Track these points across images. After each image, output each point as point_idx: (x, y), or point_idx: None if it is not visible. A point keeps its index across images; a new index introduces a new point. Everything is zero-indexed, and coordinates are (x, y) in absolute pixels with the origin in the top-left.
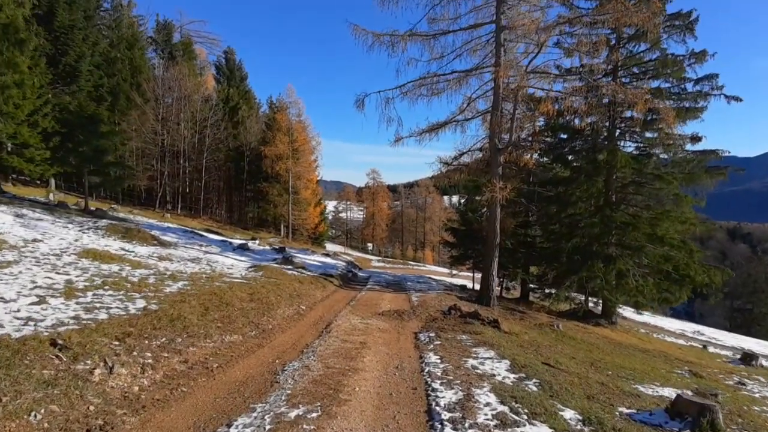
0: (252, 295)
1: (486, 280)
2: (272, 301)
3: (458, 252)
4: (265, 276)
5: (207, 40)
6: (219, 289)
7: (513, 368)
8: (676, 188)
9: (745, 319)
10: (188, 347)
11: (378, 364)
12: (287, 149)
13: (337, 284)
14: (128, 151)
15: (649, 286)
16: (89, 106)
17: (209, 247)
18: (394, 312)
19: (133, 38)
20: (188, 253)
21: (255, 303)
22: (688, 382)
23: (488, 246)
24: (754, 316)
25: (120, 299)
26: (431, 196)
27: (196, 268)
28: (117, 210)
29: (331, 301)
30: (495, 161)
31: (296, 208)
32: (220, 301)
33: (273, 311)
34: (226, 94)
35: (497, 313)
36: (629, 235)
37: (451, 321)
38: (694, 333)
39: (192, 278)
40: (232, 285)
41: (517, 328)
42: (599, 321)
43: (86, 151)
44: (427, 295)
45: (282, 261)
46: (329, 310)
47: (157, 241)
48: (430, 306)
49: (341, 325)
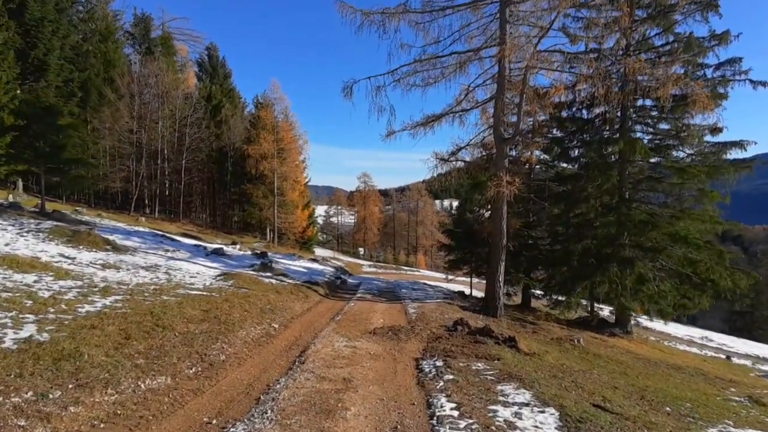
0: (207, 313)
1: (492, 287)
2: (234, 319)
3: (455, 256)
4: (235, 286)
5: (190, 37)
6: (162, 306)
7: (566, 424)
8: (701, 182)
9: (746, 322)
10: (69, 405)
11: (367, 423)
12: (272, 148)
13: (322, 293)
14: (101, 150)
15: (672, 292)
16: (47, 97)
17: (176, 253)
18: (389, 329)
19: (107, 31)
20: (146, 260)
21: (209, 324)
22: (756, 415)
23: (493, 248)
24: (755, 319)
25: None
26: (423, 199)
27: (148, 277)
28: (82, 213)
29: (313, 315)
30: (501, 153)
31: (282, 211)
32: (155, 323)
33: (232, 334)
34: (208, 92)
35: (507, 326)
36: (648, 235)
37: (459, 340)
38: (702, 339)
39: (132, 292)
40: (185, 299)
41: (535, 345)
42: (614, 330)
43: (42, 146)
44: (426, 305)
45: (260, 267)
46: (309, 327)
47: (112, 246)
48: (430, 319)
49: (320, 351)
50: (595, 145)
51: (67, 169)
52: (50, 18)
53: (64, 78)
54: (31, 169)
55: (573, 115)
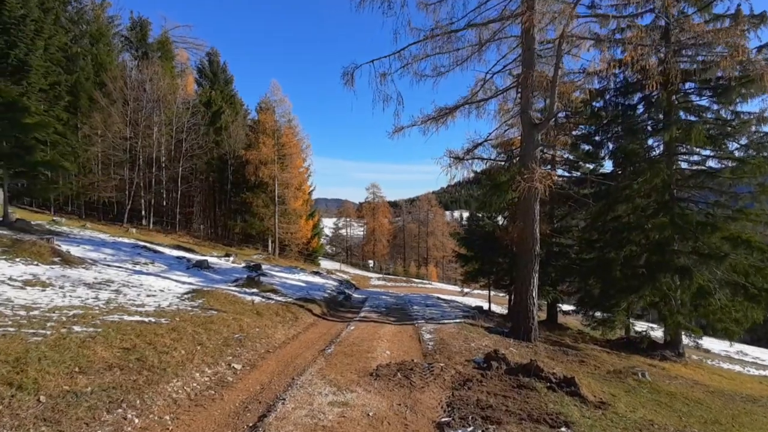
0: (129, 352)
1: (522, 304)
2: (172, 360)
3: (472, 267)
4: (202, 307)
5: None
6: (52, 346)
7: None
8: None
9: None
10: None
11: None
12: (272, 153)
13: (318, 313)
14: (92, 158)
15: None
16: (9, 91)
17: (149, 266)
18: (397, 368)
19: (98, 33)
20: (99, 275)
21: (121, 372)
22: None
23: (523, 257)
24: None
25: None
26: (433, 210)
27: (81, 298)
28: (60, 223)
29: (298, 345)
30: (530, 140)
31: (284, 221)
32: (7, 381)
33: (155, 388)
34: (207, 97)
35: (545, 353)
36: (706, 239)
37: (497, 384)
38: (738, 353)
39: (30, 320)
40: (109, 331)
41: (596, 386)
42: (664, 353)
43: (5, 146)
44: (444, 328)
45: (245, 283)
46: (286, 367)
47: (62, 258)
48: (453, 350)
49: (290, 417)
50: (640, 134)
51: (34, 173)
52: (33, 17)
53: (51, 81)
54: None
55: (607, 104)
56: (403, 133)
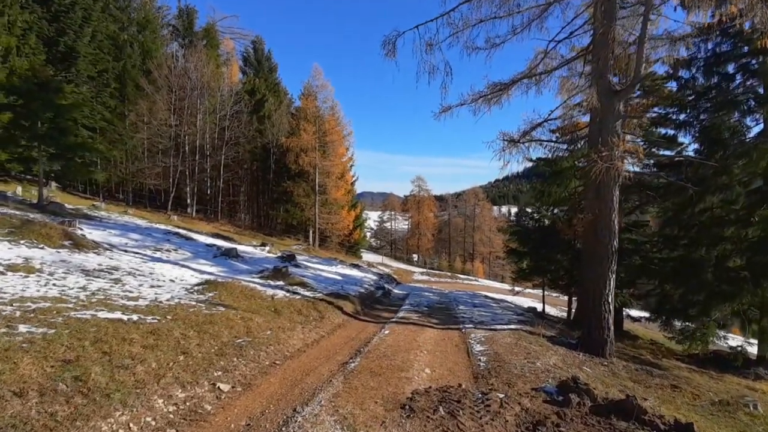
0: (69, 366)
1: (596, 311)
2: (127, 379)
3: (528, 264)
4: (210, 301)
5: (239, 35)
6: None
7: None
8: None
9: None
10: None
11: None
12: (312, 139)
13: (350, 311)
14: (137, 145)
15: None
16: (44, 71)
17: (172, 253)
18: (440, 398)
19: (145, 20)
20: (109, 262)
21: (36, 400)
22: None
23: (598, 252)
24: None
25: None
26: (480, 204)
27: (65, 287)
28: (100, 208)
29: (317, 353)
30: (609, 111)
31: (325, 211)
32: None
33: (74, 429)
34: (251, 86)
35: (626, 373)
36: None
37: (580, 429)
38: None
39: None
40: (58, 333)
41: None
42: (758, 371)
43: (40, 128)
44: (498, 336)
45: (270, 274)
46: (292, 388)
47: (73, 241)
48: (513, 370)
49: None
50: (738, 109)
51: (70, 156)
52: (82, 4)
53: (100, 68)
54: (31, 155)
55: (693, 78)
56: (451, 113)
